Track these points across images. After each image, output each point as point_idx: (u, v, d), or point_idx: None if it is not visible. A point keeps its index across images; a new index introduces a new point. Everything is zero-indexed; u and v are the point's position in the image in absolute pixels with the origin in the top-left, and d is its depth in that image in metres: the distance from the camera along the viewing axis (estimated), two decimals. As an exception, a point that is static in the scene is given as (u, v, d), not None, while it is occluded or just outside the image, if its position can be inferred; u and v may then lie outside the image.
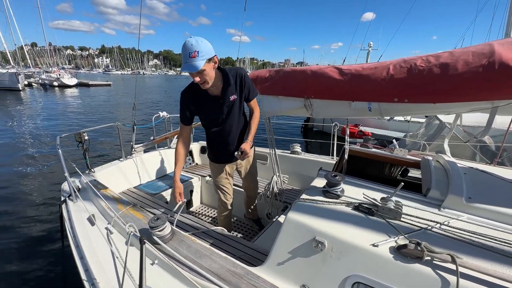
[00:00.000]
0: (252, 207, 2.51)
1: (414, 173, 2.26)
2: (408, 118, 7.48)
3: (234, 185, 2.29)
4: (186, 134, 1.85)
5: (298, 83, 1.86)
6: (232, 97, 1.74)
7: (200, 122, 2.01)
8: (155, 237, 1.31)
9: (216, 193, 2.14)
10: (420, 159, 1.85)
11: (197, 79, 1.51)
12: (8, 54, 28.47)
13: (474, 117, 2.72)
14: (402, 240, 0.94)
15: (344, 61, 12.14)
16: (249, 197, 2.42)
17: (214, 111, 1.76)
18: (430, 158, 1.74)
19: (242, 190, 2.42)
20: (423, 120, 5.64)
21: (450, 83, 1.23)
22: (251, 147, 1.90)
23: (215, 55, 1.53)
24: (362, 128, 7.68)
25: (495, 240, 0.90)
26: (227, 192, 2.11)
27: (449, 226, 1.00)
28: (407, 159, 1.91)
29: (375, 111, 1.53)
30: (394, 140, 2.19)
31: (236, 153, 1.68)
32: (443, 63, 1.27)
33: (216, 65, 1.58)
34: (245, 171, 2.18)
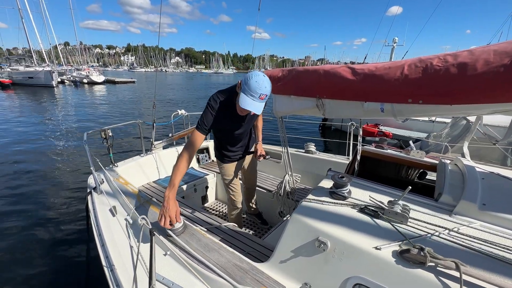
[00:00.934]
0: (252, 200, 2.60)
1: (434, 176, 2.18)
2: (433, 118, 7.10)
3: None
4: (200, 143, 1.68)
5: (311, 82, 1.85)
6: (253, 112, 1.81)
7: None
8: (167, 230, 1.40)
9: (226, 192, 2.23)
10: (437, 162, 1.78)
11: (245, 112, 1.58)
12: (44, 53, 30.57)
13: (498, 117, 2.55)
14: (406, 245, 0.93)
15: (365, 58, 11.71)
16: (248, 189, 2.52)
17: (236, 124, 1.85)
18: (448, 161, 1.67)
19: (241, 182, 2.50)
20: (448, 120, 5.34)
21: (467, 84, 1.18)
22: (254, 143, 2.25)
23: None
24: (383, 128, 7.41)
25: (508, 249, 0.87)
26: (237, 190, 2.21)
27: (459, 233, 0.97)
28: (423, 162, 1.84)
29: (388, 112, 1.49)
30: (411, 142, 2.10)
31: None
32: (461, 63, 1.22)
33: None
34: (248, 164, 2.32)
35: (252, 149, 2.23)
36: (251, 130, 2.15)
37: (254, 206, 2.63)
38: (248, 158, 2.28)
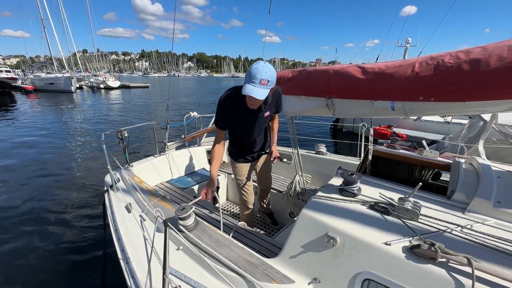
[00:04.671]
0: (265, 200, 2.61)
1: (448, 177, 2.13)
2: (449, 119, 6.88)
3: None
4: (223, 136, 1.89)
5: (320, 82, 1.86)
6: (266, 114, 1.87)
7: None
8: (180, 226, 1.44)
9: (238, 192, 2.26)
10: (452, 161, 1.74)
11: (252, 102, 1.59)
12: (64, 60, 32.00)
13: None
14: (416, 241, 0.93)
15: (377, 59, 11.51)
16: (262, 190, 2.52)
17: (248, 123, 1.86)
18: (463, 160, 1.63)
19: (256, 184, 2.52)
20: (465, 121, 5.16)
21: (480, 80, 1.16)
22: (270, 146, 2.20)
23: (275, 85, 1.59)
24: (396, 130, 7.24)
25: None
26: (249, 191, 2.21)
27: (472, 230, 0.96)
28: (437, 161, 1.81)
29: (399, 110, 1.48)
30: (423, 142, 2.06)
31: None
32: (474, 59, 1.20)
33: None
34: (262, 166, 2.31)
35: (267, 151, 2.23)
36: (266, 133, 2.13)
37: (265, 205, 2.65)
38: (262, 159, 2.27)
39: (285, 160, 2.11)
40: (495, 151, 2.96)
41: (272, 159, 2.07)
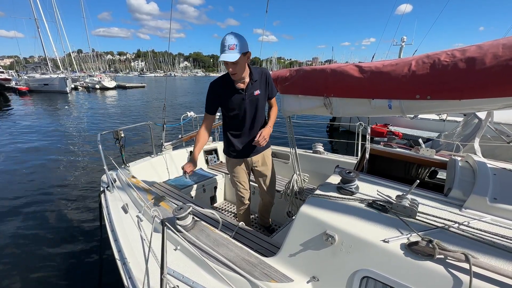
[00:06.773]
0: (265, 214, 2.58)
1: (445, 175, 2.14)
2: (444, 117, 6.94)
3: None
4: (209, 122, 1.94)
5: (318, 81, 1.87)
6: (256, 92, 1.87)
7: (220, 122, 2.09)
8: (178, 225, 1.43)
9: (233, 187, 2.24)
10: (448, 159, 1.75)
11: (230, 69, 1.66)
12: (58, 60, 31.66)
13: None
14: (414, 238, 0.93)
15: (373, 58, 11.58)
16: (265, 205, 2.45)
17: (238, 103, 1.85)
18: (459, 158, 1.64)
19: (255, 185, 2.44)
20: (460, 119, 5.21)
21: (476, 78, 1.17)
22: (268, 147, 2.15)
23: (249, 51, 1.70)
24: (392, 128, 7.29)
25: None
26: (243, 186, 2.17)
27: (469, 227, 0.96)
28: (433, 159, 1.82)
29: (396, 108, 1.49)
30: (420, 140, 2.07)
31: (260, 138, 1.75)
32: (469, 57, 1.21)
33: (249, 60, 1.75)
34: (262, 176, 2.18)
35: (263, 150, 2.13)
36: (261, 126, 2.00)
37: (265, 218, 2.63)
38: (261, 166, 2.15)
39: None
40: (490, 149, 2.99)
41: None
